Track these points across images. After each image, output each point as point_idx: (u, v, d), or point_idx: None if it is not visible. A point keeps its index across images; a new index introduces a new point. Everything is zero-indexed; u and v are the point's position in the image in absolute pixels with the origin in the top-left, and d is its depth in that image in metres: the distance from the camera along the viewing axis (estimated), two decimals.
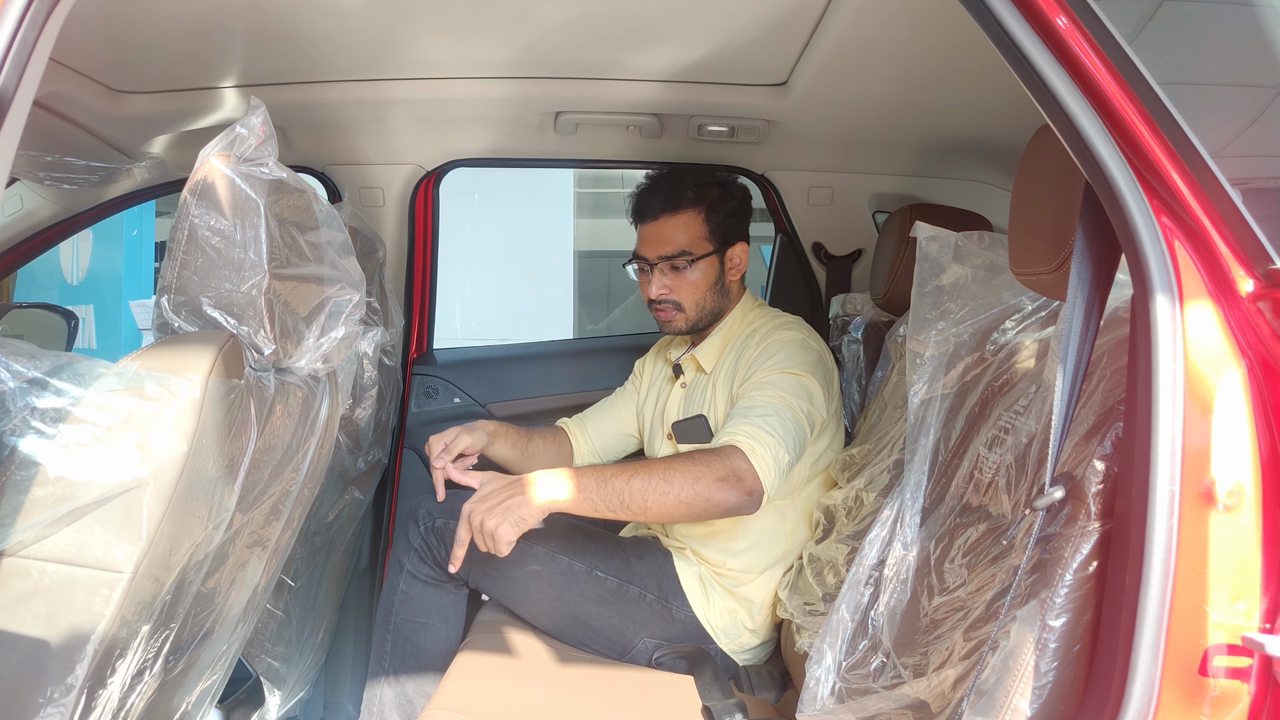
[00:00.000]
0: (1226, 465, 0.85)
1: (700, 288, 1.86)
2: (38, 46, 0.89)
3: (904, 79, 1.63)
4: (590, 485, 1.49)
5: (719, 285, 1.89)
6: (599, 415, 2.10)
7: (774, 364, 1.71)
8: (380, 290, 2.01)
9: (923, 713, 1.13)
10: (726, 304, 1.91)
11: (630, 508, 1.50)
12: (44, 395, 0.92)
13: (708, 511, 1.53)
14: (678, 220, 1.86)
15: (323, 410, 1.34)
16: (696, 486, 1.49)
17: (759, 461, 1.53)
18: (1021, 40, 0.91)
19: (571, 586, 1.70)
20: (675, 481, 1.49)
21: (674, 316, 1.88)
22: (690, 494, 1.49)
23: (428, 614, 1.71)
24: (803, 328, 1.83)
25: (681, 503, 1.50)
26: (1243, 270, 0.88)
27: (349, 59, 1.66)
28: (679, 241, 1.85)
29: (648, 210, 1.89)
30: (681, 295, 1.86)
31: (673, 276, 1.86)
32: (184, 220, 1.06)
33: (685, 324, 1.88)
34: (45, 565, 0.93)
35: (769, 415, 1.61)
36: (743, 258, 1.92)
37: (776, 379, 1.68)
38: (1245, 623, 0.85)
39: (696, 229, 1.85)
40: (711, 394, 1.84)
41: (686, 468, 1.51)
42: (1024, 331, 1.26)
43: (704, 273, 1.86)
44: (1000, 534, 1.10)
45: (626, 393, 2.12)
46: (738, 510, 1.53)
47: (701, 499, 1.50)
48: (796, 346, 1.75)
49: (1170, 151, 0.88)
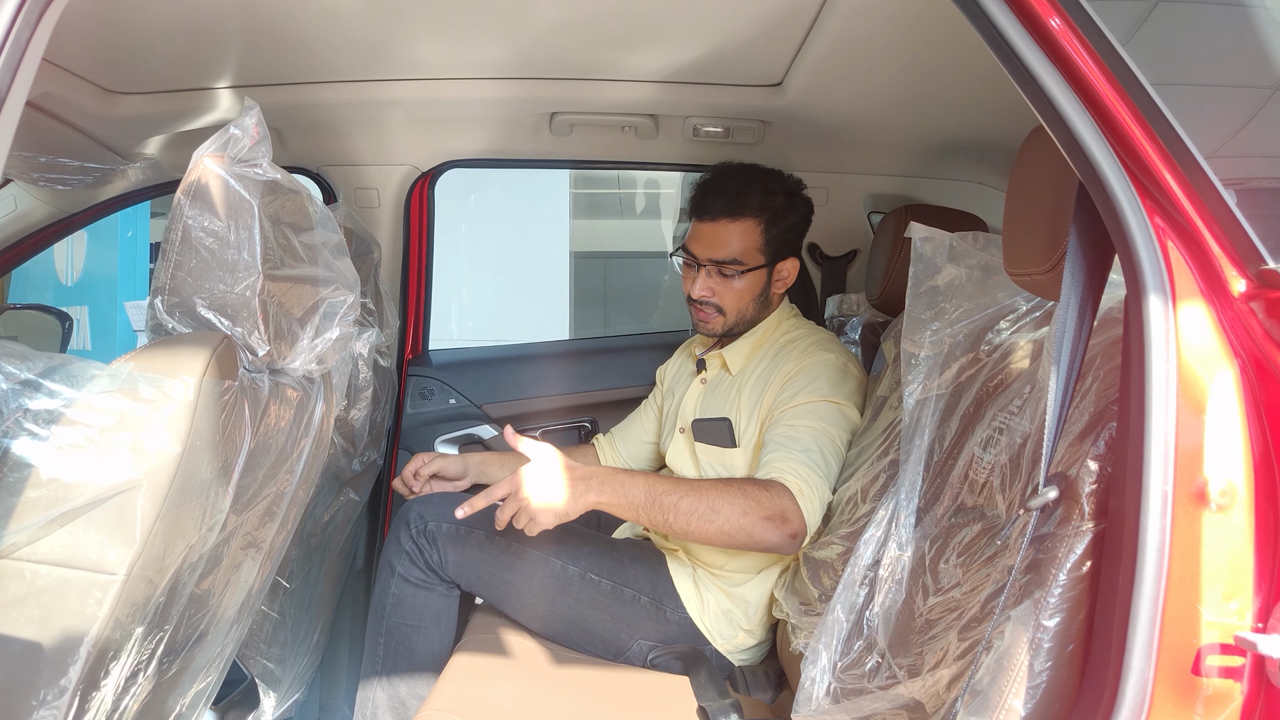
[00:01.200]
0: (1219, 465, 0.86)
1: (745, 296, 1.84)
2: (31, 47, 0.89)
3: (899, 80, 1.63)
4: (639, 496, 1.50)
5: (763, 297, 1.86)
6: (627, 428, 2.13)
7: (816, 391, 1.69)
8: (375, 291, 2.00)
9: (918, 713, 1.13)
10: (764, 315, 1.89)
11: (672, 526, 1.51)
12: (37, 397, 0.92)
13: (747, 545, 1.54)
14: (737, 226, 1.81)
15: (317, 411, 1.34)
16: (743, 520, 1.50)
17: (806, 503, 1.54)
18: (1015, 41, 0.92)
19: (566, 590, 1.70)
20: (722, 512, 1.50)
21: (712, 318, 1.85)
22: (734, 526, 1.50)
23: (419, 617, 1.71)
24: (842, 350, 1.80)
25: (724, 533, 1.51)
26: (1235, 270, 0.88)
27: (344, 60, 1.66)
28: (733, 249, 1.81)
29: (708, 209, 1.83)
30: (725, 300, 1.83)
31: (719, 280, 1.83)
32: (178, 221, 1.06)
33: (721, 328, 1.86)
34: (38, 567, 0.93)
35: (813, 451, 1.61)
36: (792, 272, 1.88)
37: (820, 409, 1.67)
38: (1238, 622, 0.85)
39: (753, 239, 1.81)
40: (736, 397, 1.82)
41: (736, 500, 1.51)
42: (1018, 332, 1.26)
43: (751, 283, 1.83)
44: (995, 534, 1.10)
45: (650, 402, 2.13)
46: (778, 550, 1.54)
47: (744, 533, 1.51)
48: (838, 372, 1.73)
49: (1163, 152, 0.88)
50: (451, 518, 1.65)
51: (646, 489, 1.51)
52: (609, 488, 1.49)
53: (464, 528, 1.68)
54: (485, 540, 1.67)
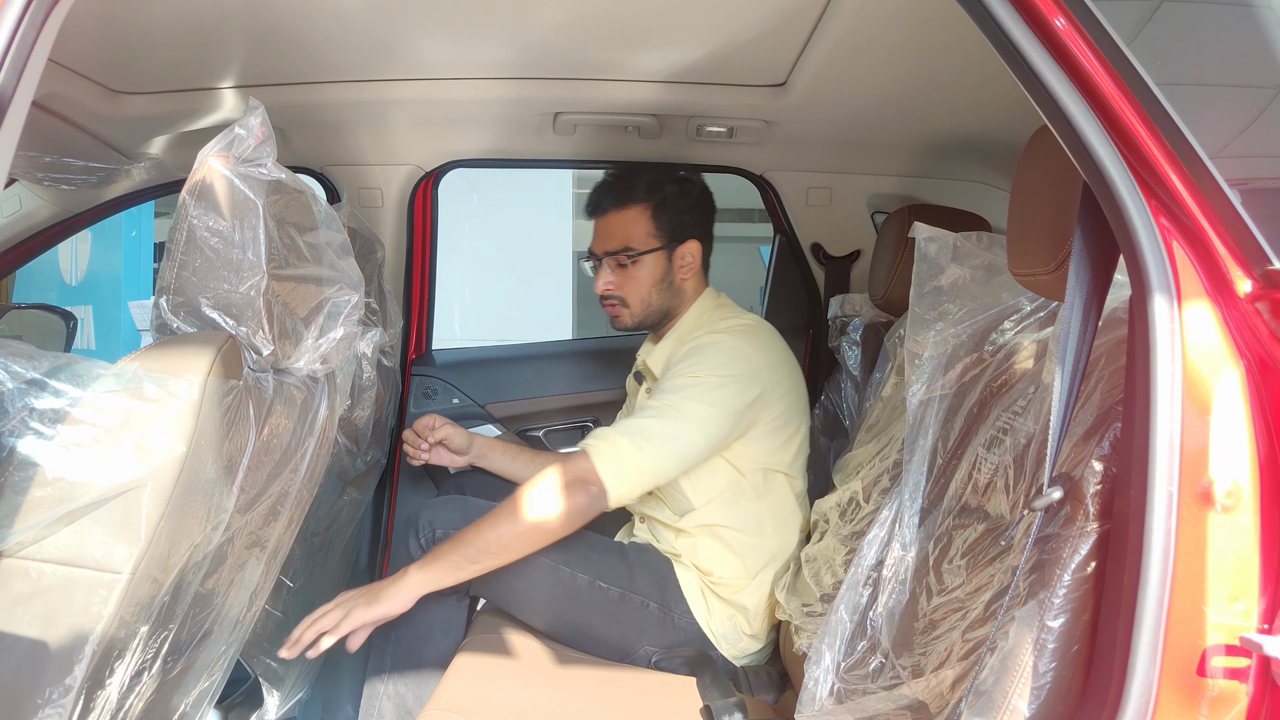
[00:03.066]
0: (1225, 466, 0.85)
1: (645, 284, 1.86)
2: (36, 47, 0.89)
3: (903, 80, 1.63)
4: (446, 551, 1.54)
5: (666, 283, 1.88)
6: None
7: (684, 370, 1.70)
8: (379, 291, 2.01)
9: (921, 713, 1.13)
10: (678, 303, 1.90)
11: (492, 553, 1.54)
12: (42, 396, 0.92)
13: (567, 523, 1.57)
14: (625, 216, 1.87)
15: (321, 411, 1.34)
16: (545, 502, 1.55)
17: (601, 461, 1.57)
18: (1020, 41, 0.91)
19: (574, 598, 1.69)
20: (522, 511, 1.54)
21: (620, 312, 1.89)
22: (541, 512, 1.54)
23: (429, 627, 1.69)
24: (745, 333, 1.77)
25: (537, 523, 1.54)
26: (1241, 271, 0.88)
27: (348, 59, 1.66)
28: (623, 237, 1.86)
29: (598, 206, 1.90)
30: (626, 291, 1.87)
31: (618, 273, 1.87)
32: (182, 221, 1.06)
33: (631, 320, 1.89)
34: (43, 566, 0.93)
35: (633, 420, 1.64)
36: (695, 256, 1.90)
37: (677, 384, 1.68)
38: (1243, 623, 0.85)
39: (643, 224, 1.86)
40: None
41: (530, 492, 1.56)
42: (1022, 332, 1.26)
43: (650, 269, 1.86)
44: (999, 534, 1.10)
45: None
46: (589, 510, 1.57)
47: (555, 511, 1.55)
48: (722, 352, 1.71)
49: (1168, 152, 0.88)
50: (459, 523, 1.64)
51: (452, 543, 1.55)
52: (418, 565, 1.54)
53: None
54: None
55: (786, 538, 1.78)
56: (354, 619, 1.50)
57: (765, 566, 1.74)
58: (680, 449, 1.64)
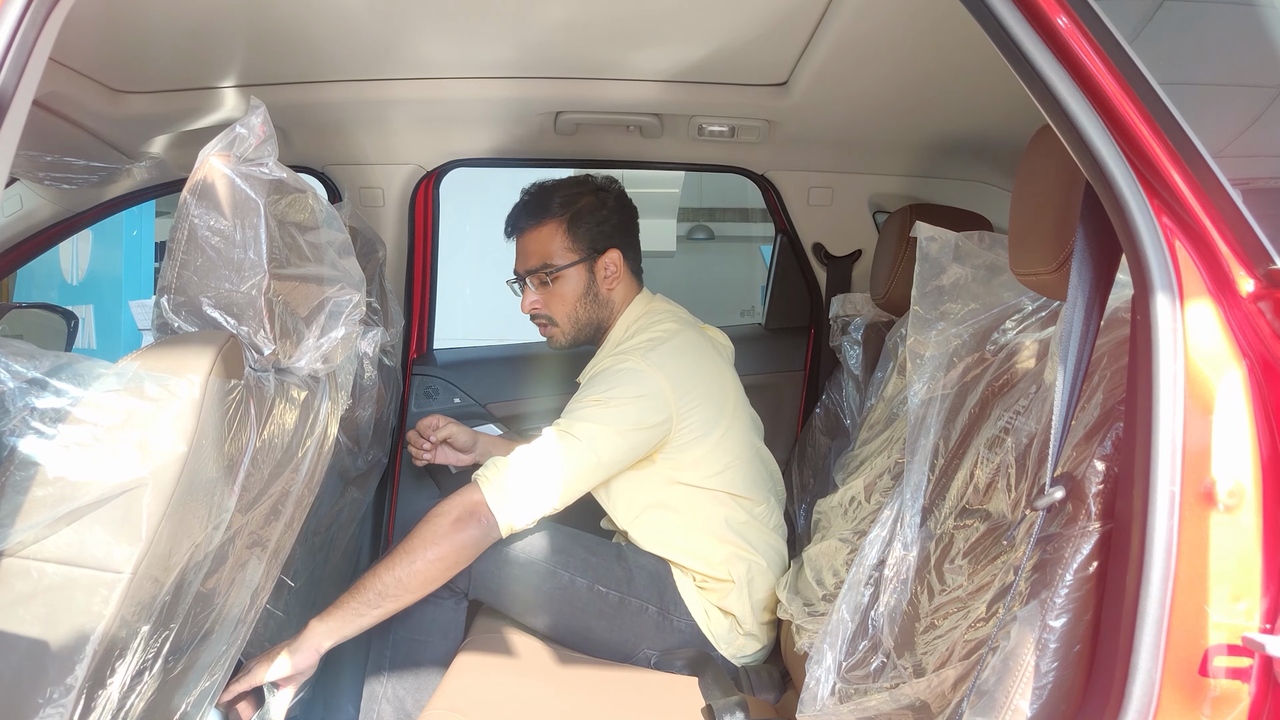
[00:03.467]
0: (1227, 465, 0.85)
1: (569, 300, 1.85)
2: (37, 46, 0.89)
3: (904, 79, 1.63)
4: (346, 601, 1.50)
5: (590, 296, 1.86)
6: None
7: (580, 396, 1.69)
8: (380, 290, 2.01)
9: (923, 713, 1.12)
10: (607, 314, 1.88)
11: (391, 595, 1.51)
12: (44, 395, 0.92)
13: (461, 556, 1.55)
14: (540, 233, 1.85)
15: (322, 410, 1.34)
16: (438, 541, 1.52)
17: (490, 491, 1.56)
18: (1022, 40, 0.91)
19: (573, 602, 1.68)
20: (415, 548, 1.52)
21: (551, 332, 1.88)
22: (434, 552, 1.52)
23: (427, 631, 1.68)
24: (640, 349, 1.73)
25: (431, 562, 1.52)
26: (1243, 270, 0.88)
27: (349, 59, 1.66)
28: (541, 254, 1.85)
29: (514, 227, 1.90)
30: (552, 309, 1.86)
31: (542, 291, 1.85)
32: (184, 220, 1.06)
33: (564, 339, 1.88)
34: (45, 566, 0.93)
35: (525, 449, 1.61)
36: (617, 264, 1.88)
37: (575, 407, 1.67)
38: (1246, 623, 0.85)
39: (559, 240, 1.85)
40: None
41: (423, 530, 1.54)
42: (1024, 332, 1.26)
43: (573, 284, 1.85)
44: (1000, 534, 1.10)
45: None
46: (483, 541, 1.56)
47: (448, 548, 1.53)
48: (620, 374, 1.69)
49: (1171, 151, 0.88)
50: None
51: (351, 591, 1.52)
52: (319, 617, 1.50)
53: None
54: (492, 551, 1.64)
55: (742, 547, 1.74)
56: (252, 677, 1.47)
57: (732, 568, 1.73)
58: (571, 473, 1.62)
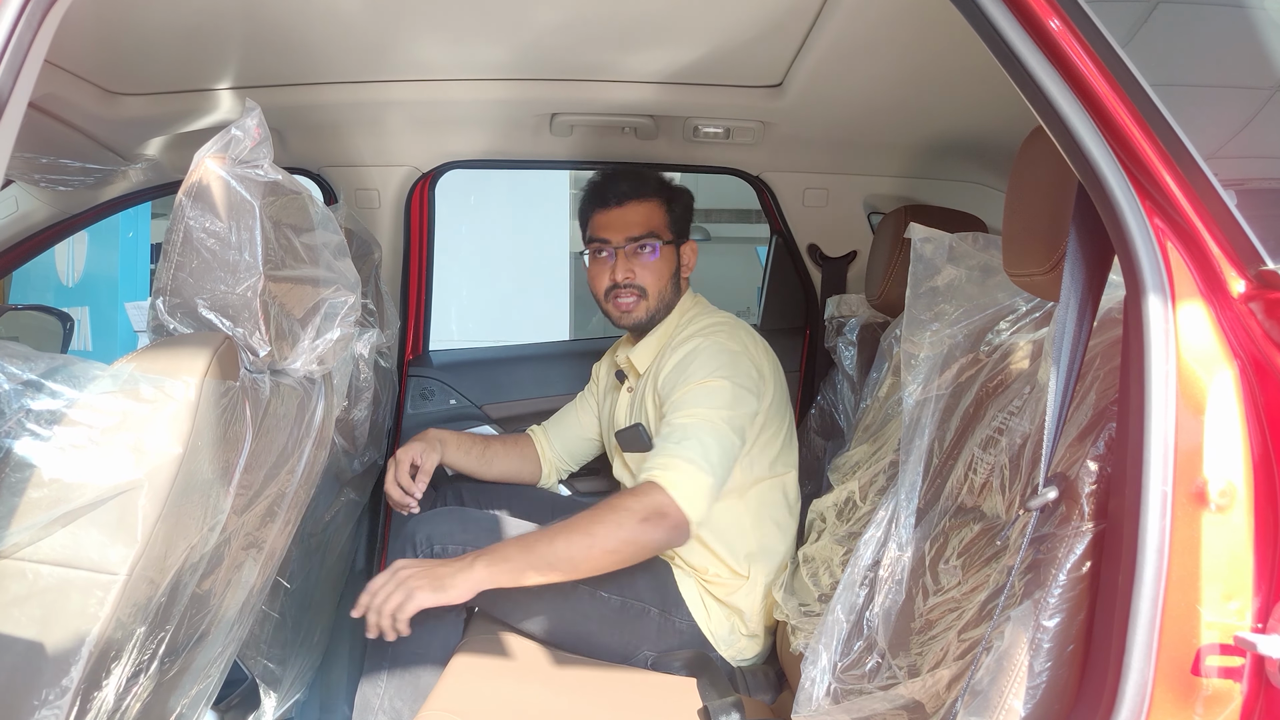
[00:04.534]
0: (1219, 465, 0.86)
1: (663, 275, 1.87)
2: (33, 48, 0.89)
3: (899, 81, 1.63)
4: (515, 554, 1.50)
5: (674, 278, 1.90)
6: (561, 422, 2.11)
7: (689, 377, 1.70)
8: (376, 292, 2.01)
9: (917, 713, 1.13)
10: (675, 301, 1.92)
11: (559, 568, 1.51)
12: (39, 397, 0.92)
13: (638, 553, 1.55)
14: (645, 206, 1.87)
15: (318, 412, 1.34)
16: (620, 533, 1.52)
17: (679, 493, 1.54)
18: (1015, 43, 0.92)
19: (575, 608, 1.68)
20: (598, 534, 1.51)
21: (635, 305, 1.86)
22: (615, 542, 1.52)
23: (427, 644, 1.65)
24: (723, 330, 1.79)
25: (608, 552, 1.52)
26: (1234, 271, 0.89)
27: (344, 61, 1.66)
28: (647, 225, 1.86)
29: (611, 195, 1.88)
30: (646, 280, 1.86)
31: (637, 261, 1.86)
32: (179, 222, 1.06)
33: (645, 314, 1.87)
34: (40, 567, 0.93)
35: (687, 440, 1.60)
36: (692, 257, 1.94)
37: (693, 394, 1.67)
38: (1237, 622, 0.85)
39: (660, 217, 1.88)
40: (644, 399, 1.84)
41: (607, 516, 1.53)
42: (1018, 332, 1.26)
43: (667, 260, 1.87)
44: (994, 534, 1.10)
45: (586, 397, 2.12)
46: (668, 545, 1.57)
47: (628, 544, 1.52)
48: (710, 353, 1.72)
49: (1163, 153, 0.88)
50: (458, 537, 1.63)
51: (520, 546, 1.52)
52: (485, 560, 1.49)
53: (471, 547, 1.61)
54: None
55: (775, 537, 1.77)
56: (418, 602, 1.46)
57: (755, 567, 1.74)
58: (730, 459, 1.64)
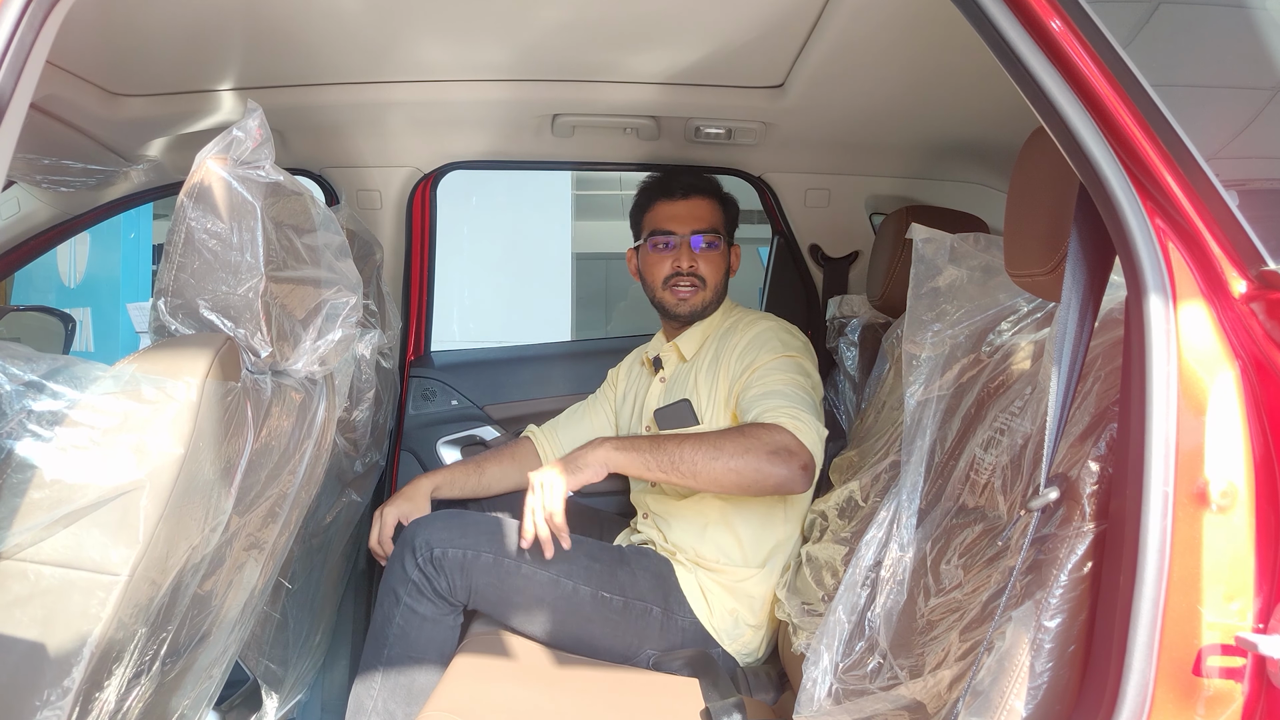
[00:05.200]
0: (1220, 466, 0.86)
1: (720, 270, 1.95)
2: (35, 49, 0.89)
3: (900, 82, 1.63)
4: (645, 447, 1.60)
5: (725, 275, 1.97)
6: (570, 421, 2.11)
7: (772, 350, 1.77)
8: (378, 293, 2.01)
9: (919, 714, 1.13)
10: (723, 298, 1.99)
11: (680, 470, 1.56)
12: (41, 398, 0.92)
13: (758, 483, 1.56)
14: (710, 203, 1.96)
15: (320, 413, 1.34)
16: (746, 458, 1.54)
17: (805, 437, 1.58)
18: (1016, 43, 0.92)
19: (577, 610, 1.67)
20: (725, 450, 1.55)
21: (693, 294, 1.92)
22: (740, 463, 1.54)
23: (424, 649, 1.64)
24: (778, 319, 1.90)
25: (731, 470, 1.55)
26: (1236, 272, 0.89)
27: (346, 62, 1.66)
28: (713, 220, 1.94)
29: (676, 188, 1.95)
30: (707, 272, 1.93)
31: (702, 252, 1.93)
32: (181, 223, 1.06)
33: (700, 303, 1.93)
34: (42, 568, 0.93)
35: (794, 395, 1.66)
36: (737, 261, 2.02)
37: (781, 364, 1.74)
38: (1239, 623, 0.85)
39: (719, 215, 1.97)
40: (693, 380, 1.87)
41: (736, 439, 1.57)
42: (1020, 333, 1.26)
43: (723, 259, 1.96)
44: (996, 535, 1.10)
45: (599, 399, 2.13)
46: (789, 484, 1.56)
47: (752, 469, 1.54)
48: (785, 333, 1.83)
49: (1164, 154, 0.88)
50: (457, 541, 1.63)
51: (651, 441, 1.61)
52: (613, 444, 1.60)
53: (470, 552, 1.63)
54: (493, 564, 1.64)
55: (793, 530, 1.79)
56: (561, 492, 1.56)
57: (774, 554, 1.75)
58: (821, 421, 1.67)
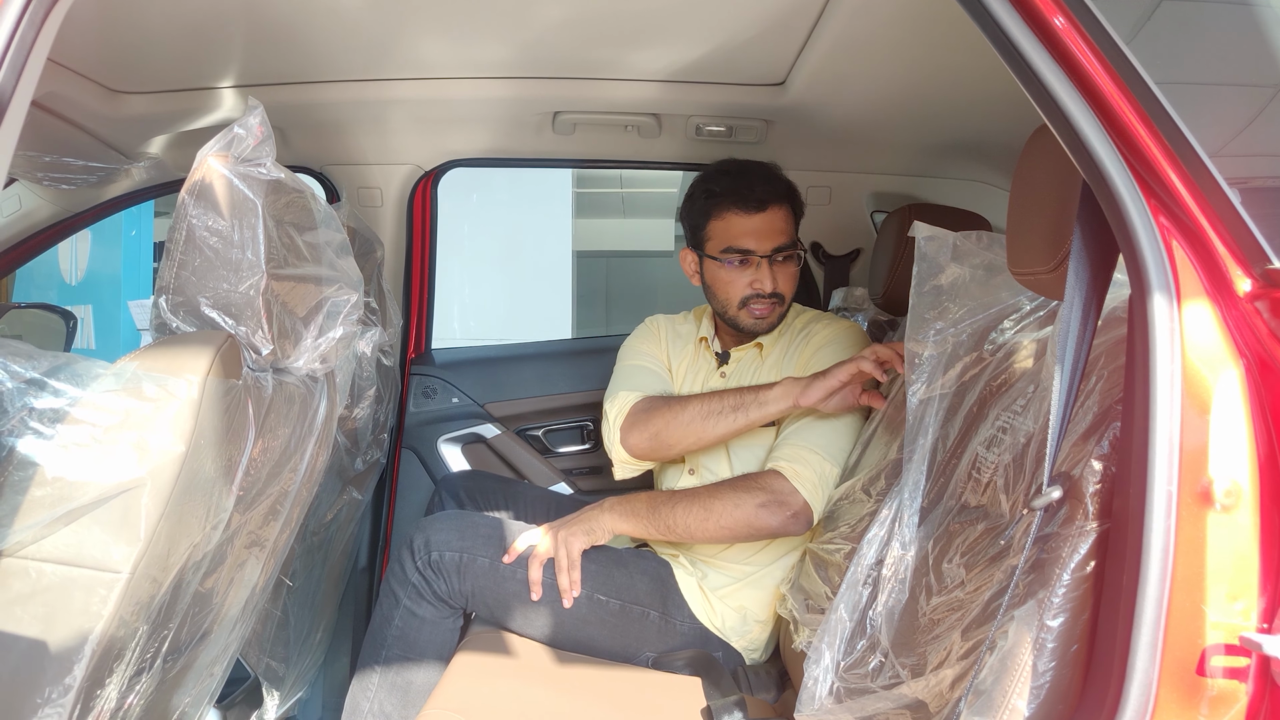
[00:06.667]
0: (1224, 465, 0.85)
1: (795, 281, 1.81)
2: (36, 46, 0.89)
3: (902, 79, 1.63)
4: (643, 512, 1.66)
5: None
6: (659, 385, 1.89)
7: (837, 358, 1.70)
8: (378, 290, 2.01)
9: (921, 713, 1.13)
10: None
11: (677, 532, 1.63)
12: (42, 396, 0.92)
13: (753, 535, 1.63)
14: (782, 210, 1.77)
15: (321, 410, 1.34)
16: (737, 513, 1.60)
17: (801, 483, 1.59)
18: (1019, 40, 0.91)
19: (574, 613, 1.67)
20: (715, 509, 1.60)
21: (771, 312, 1.79)
22: (731, 520, 1.60)
23: (423, 651, 1.64)
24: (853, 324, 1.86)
25: (724, 528, 1.60)
26: (1240, 270, 0.88)
27: (347, 59, 1.66)
28: (788, 233, 1.78)
29: (751, 198, 1.74)
30: (785, 288, 1.79)
31: (781, 270, 1.77)
32: (182, 220, 1.06)
33: (776, 319, 1.81)
34: (43, 566, 0.93)
35: (815, 430, 1.65)
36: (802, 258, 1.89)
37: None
38: (1243, 622, 0.85)
39: (792, 223, 1.80)
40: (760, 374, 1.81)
41: (727, 495, 1.61)
42: (1022, 331, 1.26)
43: (798, 262, 1.82)
44: (998, 534, 1.10)
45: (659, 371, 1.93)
46: (785, 531, 1.62)
47: (744, 525, 1.60)
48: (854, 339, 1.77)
49: (1168, 151, 0.88)
50: (455, 544, 1.63)
51: (648, 501, 1.66)
52: (617, 512, 1.66)
53: (468, 555, 1.63)
54: (490, 567, 1.64)
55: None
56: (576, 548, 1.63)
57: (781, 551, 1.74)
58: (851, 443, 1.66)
